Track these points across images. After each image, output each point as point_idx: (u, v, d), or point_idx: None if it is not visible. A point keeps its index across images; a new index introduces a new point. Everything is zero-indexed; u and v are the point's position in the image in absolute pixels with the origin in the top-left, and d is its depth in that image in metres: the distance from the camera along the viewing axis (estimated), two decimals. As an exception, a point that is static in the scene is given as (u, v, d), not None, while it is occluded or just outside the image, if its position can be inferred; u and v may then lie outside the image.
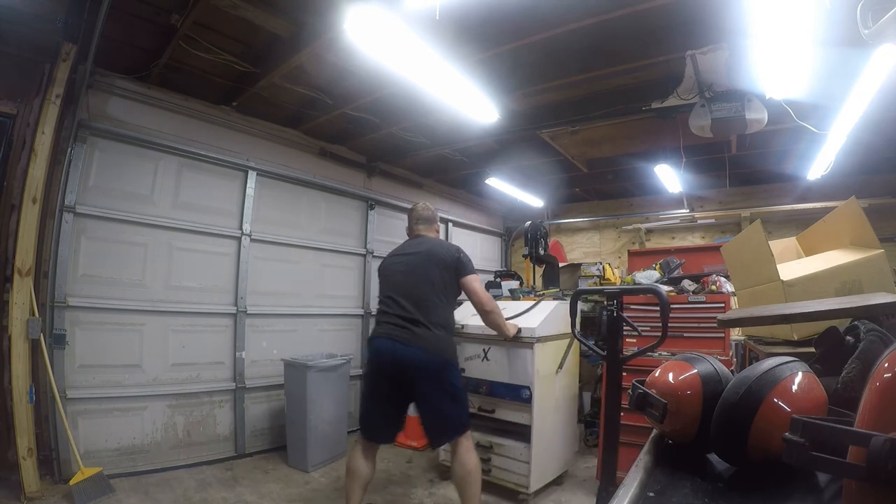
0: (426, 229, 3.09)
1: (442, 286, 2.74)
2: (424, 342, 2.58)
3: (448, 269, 2.77)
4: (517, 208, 7.41)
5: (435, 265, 2.76)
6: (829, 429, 0.61)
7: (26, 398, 2.90)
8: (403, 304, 2.68)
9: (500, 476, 3.34)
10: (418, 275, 2.75)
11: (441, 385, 2.60)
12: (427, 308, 2.65)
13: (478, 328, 3.36)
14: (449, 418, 2.64)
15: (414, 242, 3.00)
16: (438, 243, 2.97)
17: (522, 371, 3.25)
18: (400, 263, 2.87)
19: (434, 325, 2.63)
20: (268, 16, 2.94)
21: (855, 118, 3.33)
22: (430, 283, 2.72)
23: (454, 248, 2.91)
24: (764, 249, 2.24)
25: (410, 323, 2.62)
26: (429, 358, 2.57)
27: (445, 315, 2.74)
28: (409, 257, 2.86)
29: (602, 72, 3.35)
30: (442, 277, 2.74)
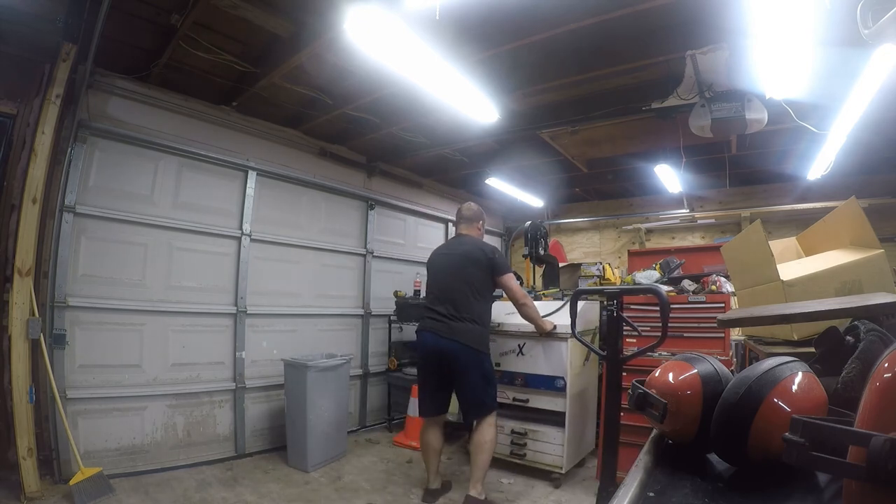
0: (467, 228, 3.45)
1: (478, 285, 3.16)
2: (460, 335, 3.06)
3: (483, 269, 3.17)
4: (517, 208, 7.41)
5: (471, 265, 3.17)
6: (829, 429, 0.61)
7: (26, 398, 2.90)
8: (444, 301, 3.15)
9: (535, 459, 3.71)
10: (456, 275, 3.17)
11: (473, 370, 3.08)
12: (463, 305, 3.11)
13: (513, 326, 3.85)
14: (479, 398, 3.12)
15: (455, 242, 3.45)
16: (475, 245, 3.30)
17: (557, 363, 3.61)
18: (442, 263, 3.31)
19: (469, 319, 3.10)
20: (268, 16, 2.94)
21: (855, 118, 3.33)
22: (467, 282, 3.14)
23: (489, 250, 3.26)
24: (764, 249, 2.24)
25: (449, 318, 3.11)
26: (463, 348, 3.05)
27: (480, 311, 3.16)
28: (450, 258, 3.28)
29: (602, 72, 3.35)
30: (477, 277, 3.16)
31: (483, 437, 3.10)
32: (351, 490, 3.48)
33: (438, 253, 3.43)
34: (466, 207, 3.51)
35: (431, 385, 3.23)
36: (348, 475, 3.76)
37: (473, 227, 3.46)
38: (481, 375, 3.11)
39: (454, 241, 3.50)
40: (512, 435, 3.79)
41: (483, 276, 3.18)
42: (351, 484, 3.59)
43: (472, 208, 3.51)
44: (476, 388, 3.11)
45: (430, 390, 3.23)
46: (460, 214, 3.50)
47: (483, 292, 3.20)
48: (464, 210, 3.50)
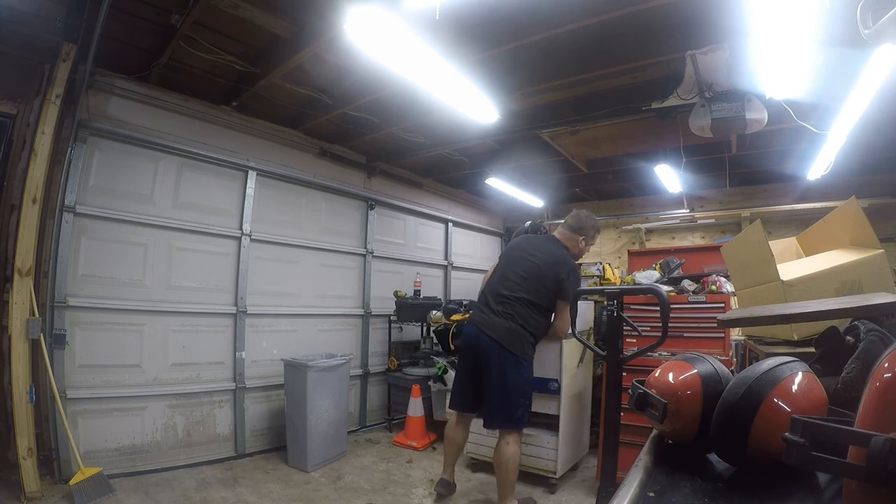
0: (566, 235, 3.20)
1: (540, 295, 2.99)
2: (498, 332, 2.90)
3: (552, 287, 2.99)
4: (517, 208, 7.40)
5: (543, 279, 2.99)
6: (829, 429, 0.61)
7: (26, 398, 2.90)
8: (499, 298, 2.99)
9: (528, 463, 3.60)
10: (522, 277, 3.01)
11: (504, 374, 2.87)
12: (516, 308, 2.94)
13: None
14: (505, 408, 2.89)
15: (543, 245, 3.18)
16: (558, 259, 3.07)
17: (551, 365, 3.52)
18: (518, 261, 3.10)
19: (515, 321, 2.92)
20: (268, 16, 2.94)
21: (855, 118, 3.33)
22: (532, 291, 2.97)
23: (566, 270, 3.02)
24: (764, 249, 2.24)
25: (494, 314, 2.96)
26: (498, 347, 2.88)
27: (531, 319, 2.97)
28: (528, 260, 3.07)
29: (602, 72, 3.35)
30: (542, 289, 2.99)
31: (502, 457, 2.89)
32: (351, 490, 3.48)
33: (517, 245, 3.25)
34: (583, 214, 3.27)
35: (463, 379, 3.10)
36: (348, 475, 3.76)
37: (573, 239, 3.21)
38: (512, 383, 2.88)
39: (540, 241, 3.24)
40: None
41: (547, 290, 3.00)
42: (351, 484, 3.59)
43: (580, 218, 3.24)
44: (503, 396, 2.88)
45: (462, 385, 3.12)
46: (570, 217, 3.27)
47: (541, 306, 3.01)
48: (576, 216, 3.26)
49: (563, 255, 3.13)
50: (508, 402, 2.88)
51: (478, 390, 3.02)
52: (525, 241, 3.28)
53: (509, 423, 2.90)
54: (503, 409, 2.89)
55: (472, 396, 3.06)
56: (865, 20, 1.42)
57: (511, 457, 2.87)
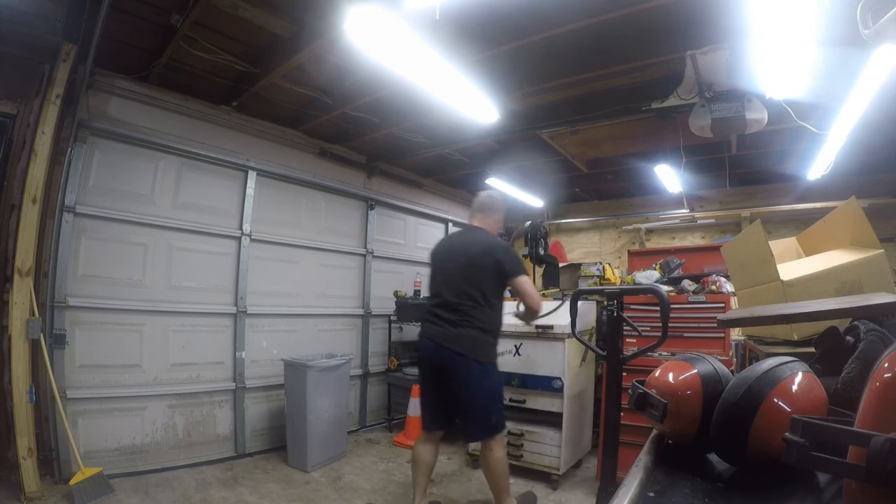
0: (482, 220, 3.04)
1: (485, 290, 2.76)
2: (457, 342, 2.70)
3: (491, 273, 2.77)
4: (517, 208, 7.39)
5: (478, 268, 2.77)
6: (829, 429, 0.61)
7: (26, 398, 2.90)
8: (444, 304, 2.79)
9: (531, 460, 3.66)
10: (460, 277, 2.78)
11: (472, 384, 2.70)
12: (466, 310, 2.73)
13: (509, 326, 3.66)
14: (481, 417, 2.73)
15: (463, 237, 3.03)
16: (484, 244, 2.86)
17: (554, 363, 3.57)
18: (445, 261, 2.91)
19: (471, 326, 2.72)
20: (268, 16, 2.94)
21: (855, 118, 3.33)
22: (472, 286, 2.75)
23: (500, 249, 2.82)
24: (764, 249, 2.24)
25: (448, 323, 2.74)
26: (460, 358, 2.68)
27: (485, 317, 2.76)
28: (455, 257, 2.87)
29: (602, 72, 3.35)
30: (485, 281, 2.76)
31: (490, 464, 2.74)
32: (351, 490, 3.48)
33: (442, 248, 3.05)
34: (486, 195, 3.13)
35: (431, 398, 2.89)
36: (348, 475, 3.76)
37: (490, 220, 3.05)
38: (483, 390, 2.72)
39: (462, 236, 3.07)
40: (508, 436, 3.75)
41: (492, 280, 2.78)
42: (351, 484, 3.59)
43: (493, 196, 3.12)
44: (477, 408, 2.73)
45: (430, 404, 2.91)
46: (477, 202, 3.10)
47: (490, 298, 2.79)
48: (482, 198, 3.11)
49: (489, 239, 2.93)
50: (484, 412, 2.74)
51: (447, 406, 2.82)
52: (448, 242, 3.13)
53: (490, 430, 2.75)
54: (480, 420, 2.75)
55: (443, 414, 2.86)
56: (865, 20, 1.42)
57: (499, 461, 2.75)
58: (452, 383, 2.73)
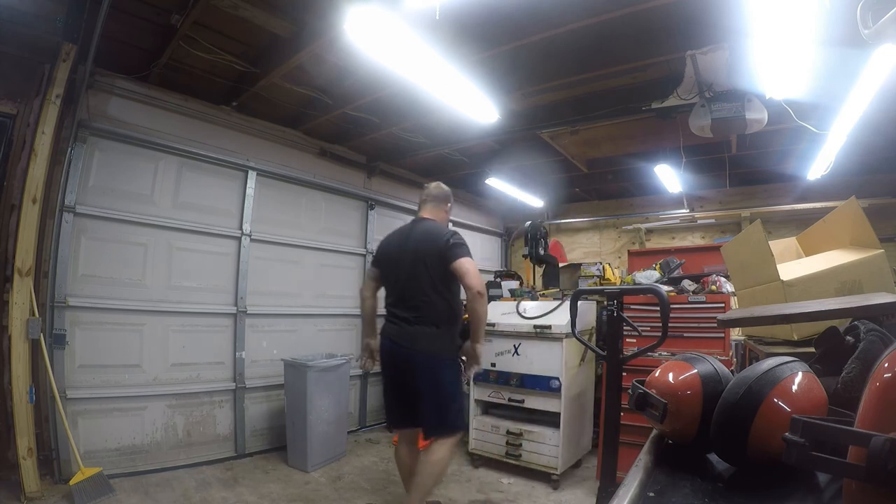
0: (432, 211, 2.94)
1: (435, 280, 2.66)
2: (414, 340, 2.64)
3: (438, 262, 2.65)
4: (517, 208, 7.40)
5: (427, 258, 2.67)
6: (829, 429, 0.61)
7: (26, 398, 2.90)
8: (398, 302, 2.75)
9: (530, 460, 3.68)
10: (410, 271, 2.70)
11: (429, 381, 2.64)
12: (420, 306, 2.66)
13: (509, 326, 3.81)
14: (437, 415, 2.66)
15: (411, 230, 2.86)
16: (431, 233, 2.76)
17: (553, 363, 3.59)
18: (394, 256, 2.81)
19: (426, 322, 2.65)
20: (268, 16, 2.94)
21: (855, 118, 3.33)
22: (423, 279, 2.67)
23: (447, 235, 2.70)
24: (764, 249, 2.24)
25: (404, 321, 2.68)
26: (418, 355, 2.63)
27: (439, 311, 2.68)
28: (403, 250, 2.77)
29: (602, 72, 3.35)
30: (434, 271, 2.66)
31: (431, 456, 2.64)
32: (351, 490, 3.48)
33: (390, 244, 2.91)
34: (436, 185, 3.01)
35: (393, 396, 2.83)
36: (348, 475, 3.76)
37: (440, 211, 2.96)
38: (439, 388, 2.65)
39: (408, 230, 2.88)
40: (507, 435, 3.80)
41: (440, 270, 2.65)
42: (351, 484, 3.59)
43: (442, 187, 3.00)
44: (432, 403, 2.65)
45: (393, 402, 2.85)
46: (427, 192, 2.97)
47: (442, 290, 2.67)
48: (432, 189, 2.98)
49: (434, 227, 2.81)
50: (442, 410, 2.67)
51: (409, 403, 2.74)
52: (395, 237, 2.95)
53: (446, 430, 2.68)
54: (438, 417, 2.67)
55: (406, 411, 2.77)
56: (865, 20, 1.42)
57: (441, 459, 2.66)
58: (412, 381, 2.66)
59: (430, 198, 2.96)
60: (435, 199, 2.96)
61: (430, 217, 2.91)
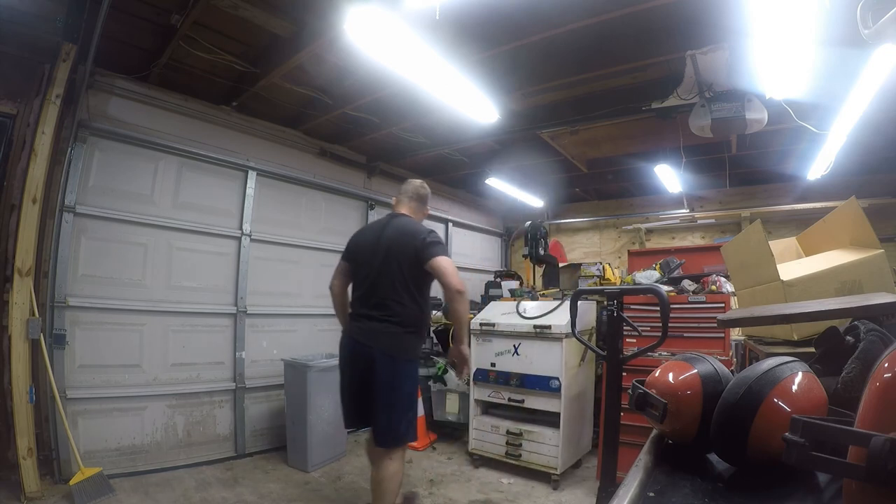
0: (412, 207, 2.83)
1: (407, 279, 2.56)
2: (375, 338, 2.53)
3: (412, 261, 2.55)
4: (517, 208, 7.41)
5: (399, 257, 2.56)
6: (829, 429, 0.61)
7: (26, 398, 2.90)
8: (366, 299, 2.62)
9: (530, 459, 3.69)
10: (381, 269, 2.58)
11: (385, 382, 2.51)
12: (388, 304, 2.55)
13: (508, 326, 3.81)
14: (387, 421, 2.53)
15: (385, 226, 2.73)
16: (405, 232, 2.63)
17: (552, 363, 3.59)
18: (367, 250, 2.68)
19: (391, 321, 2.54)
20: (268, 16, 2.94)
21: (855, 118, 3.33)
22: (393, 277, 2.56)
23: (419, 237, 2.56)
24: (764, 249, 2.24)
25: (368, 319, 2.57)
26: (377, 353, 2.50)
27: (407, 311, 2.57)
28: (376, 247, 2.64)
29: (602, 72, 3.35)
30: (407, 270, 2.55)
31: (382, 474, 2.51)
32: (351, 490, 3.48)
33: (361, 239, 2.79)
34: (420, 184, 2.90)
35: (349, 396, 2.67)
36: (348, 475, 3.76)
37: (419, 210, 2.86)
38: (396, 392, 2.51)
39: (382, 225, 2.75)
40: (507, 435, 3.80)
41: (413, 269, 2.54)
42: (351, 484, 3.59)
43: (426, 187, 2.91)
44: (387, 409, 2.50)
45: (350, 402, 2.68)
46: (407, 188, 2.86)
47: (413, 290, 2.57)
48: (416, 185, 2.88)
49: (410, 224, 2.70)
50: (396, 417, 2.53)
51: (360, 405, 2.62)
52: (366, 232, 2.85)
53: (394, 439, 2.54)
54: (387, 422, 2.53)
55: (356, 412, 2.67)
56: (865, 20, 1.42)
57: (394, 474, 2.53)
58: (369, 382, 2.53)
59: (411, 195, 2.84)
60: (417, 198, 2.85)
61: (408, 214, 2.79)
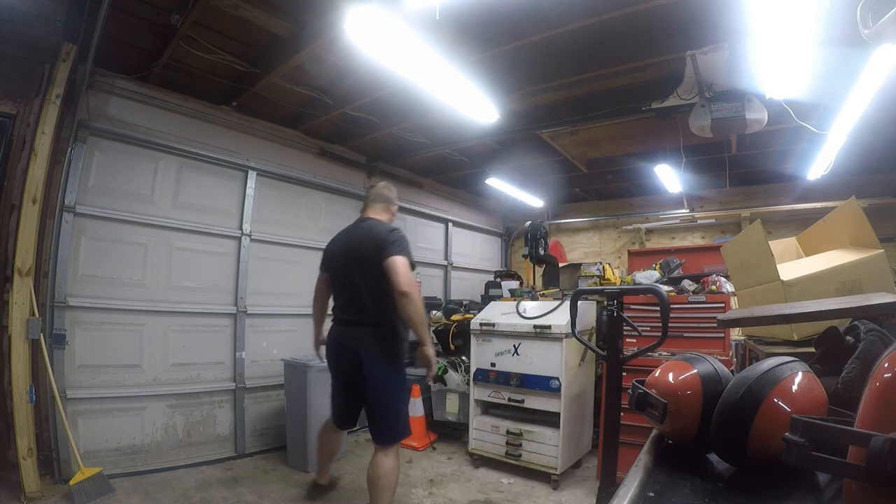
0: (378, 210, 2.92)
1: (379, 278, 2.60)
2: (359, 342, 2.66)
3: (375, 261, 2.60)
4: (517, 208, 7.41)
5: (366, 259, 2.64)
6: (829, 429, 0.61)
7: (26, 398, 2.90)
8: (344, 304, 2.77)
9: (530, 459, 3.68)
10: (354, 272, 2.69)
11: (374, 383, 2.65)
12: (364, 307, 2.66)
13: (508, 326, 3.81)
14: (381, 420, 2.67)
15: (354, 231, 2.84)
16: (369, 233, 2.71)
17: (552, 363, 3.58)
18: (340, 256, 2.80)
19: (371, 324, 2.66)
20: (268, 16, 2.94)
21: (855, 118, 3.33)
22: (365, 280, 2.65)
23: (381, 236, 2.64)
24: (764, 249, 2.24)
25: (350, 324, 2.72)
26: (364, 357, 2.64)
27: (385, 312, 2.65)
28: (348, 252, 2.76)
29: (602, 72, 3.35)
30: (375, 270, 2.61)
31: (378, 471, 2.59)
32: (351, 490, 3.48)
33: (334, 246, 2.91)
34: (384, 185, 2.99)
35: (338, 397, 2.88)
36: (348, 475, 3.76)
37: (386, 212, 2.94)
38: (385, 391, 2.64)
39: (351, 230, 2.86)
40: (507, 435, 3.80)
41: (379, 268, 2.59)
42: (351, 484, 3.59)
43: (391, 188, 2.99)
44: (377, 407, 2.66)
45: (337, 402, 2.89)
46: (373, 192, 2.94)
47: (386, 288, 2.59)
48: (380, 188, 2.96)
49: (375, 224, 2.78)
50: (388, 414, 2.66)
51: (351, 405, 2.80)
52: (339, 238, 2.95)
53: (389, 436, 2.65)
54: (385, 422, 2.67)
55: (347, 412, 2.86)
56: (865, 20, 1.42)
57: (390, 471, 2.61)
58: (361, 383, 2.66)
59: (377, 197, 2.93)
60: (382, 199, 2.94)
61: (374, 217, 2.88)
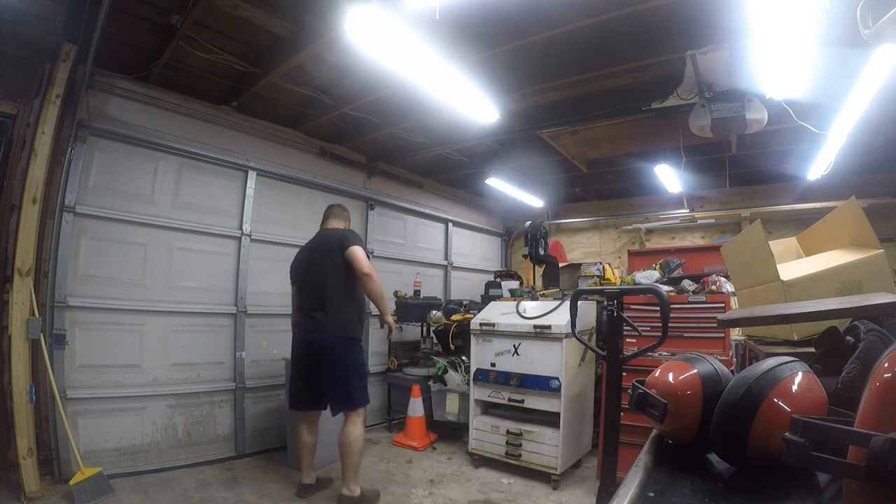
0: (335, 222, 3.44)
1: (339, 273, 3.14)
2: (323, 326, 3.11)
3: (336, 249, 3.14)
4: (517, 208, 7.41)
5: (327, 256, 3.16)
6: (829, 429, 0.61)
7: (26, 398, 2.90)
8: (310, 299, 3.20)
9: (530, 459, 3.70)
10: (316, 270, 3.18)
11: (337, 358, 3.10)
12: (328, 298, 3.12)
13: (508, 326, 3.83)
14: (344, 389, 3.09)
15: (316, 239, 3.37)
16: (331, 234, 3.29)
17: (552, 363, 3.61)
18: (304, 262, 3.29)
19: (334, 310, 3.12)
20: (268, 16, 2.94)
21: (855, 118, 3.33)
22: (327, 274, 3.14)
23: (341, 234, 3.22)
24: (764, 249, 2.24)
25: (315, 312, 3.15)
26: (328, 338, 3.10)
27: (345, 297, 3.16)
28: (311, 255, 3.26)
29: (602, 72, 3.35)
30: (336, 265, 3.13)
31: (348, 438, 3.06)
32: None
33: (299, 255, 3.41)
34: (338, 206, 3.57)
35: (300, 379, 3.22)
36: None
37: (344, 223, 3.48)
38: (346, 364, 3.09)
39: (313, 239, 3.42)
40: (507, 435, 3.80)
41: (338, 256, 3.14)
42: (351, 484, 3.59)
43: (344, 208, 3.58)
44: (339, 378, 3.08)
45: (302, 387, 3.22)
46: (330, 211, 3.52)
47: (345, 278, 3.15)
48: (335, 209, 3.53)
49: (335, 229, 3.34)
50: (346, 385, 3.08)
51: (315, 387, 3.18)
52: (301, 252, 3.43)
53: (351, 404, 3.09)
54: (342, 391, 3.09)
55: (311, 394, 3.21)
56: (865, 20, 1.42)
57: (357, 438, 3.07)
58: (321, 362, 3.10)
59: (335, 213, 3.50)
60: (339, 215, 3.49)
61: (333, 227, 3.41)
